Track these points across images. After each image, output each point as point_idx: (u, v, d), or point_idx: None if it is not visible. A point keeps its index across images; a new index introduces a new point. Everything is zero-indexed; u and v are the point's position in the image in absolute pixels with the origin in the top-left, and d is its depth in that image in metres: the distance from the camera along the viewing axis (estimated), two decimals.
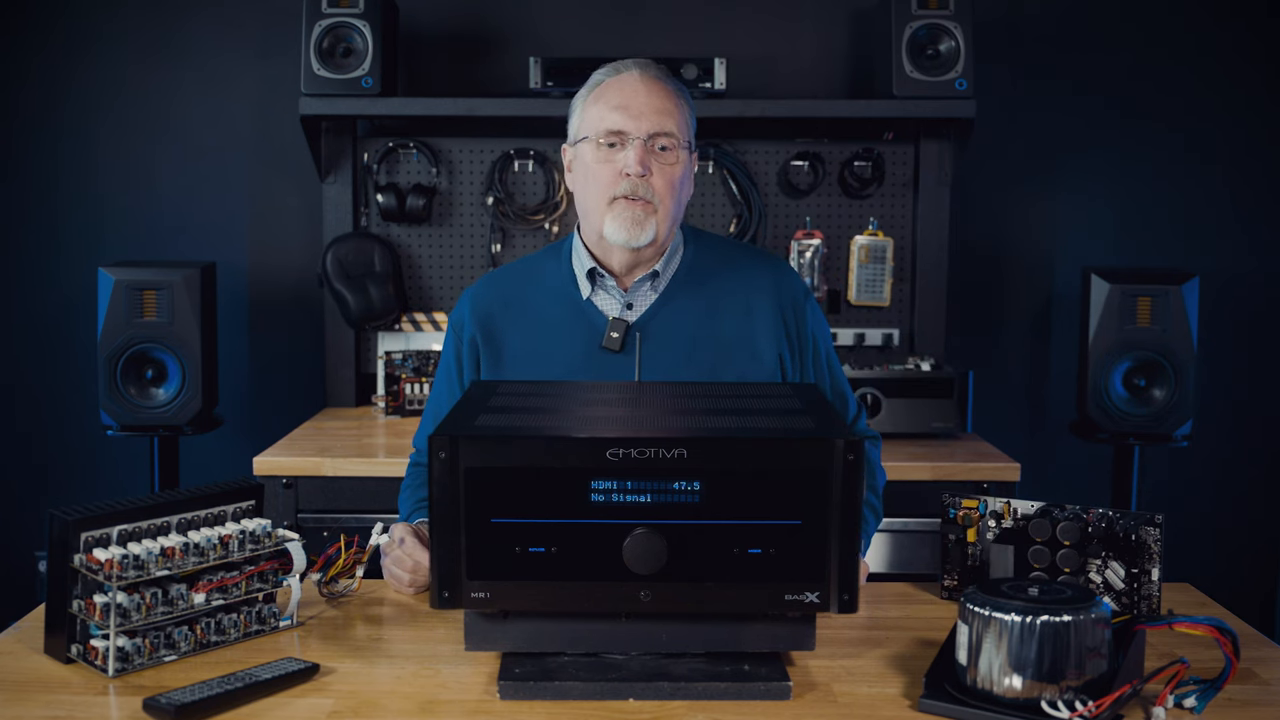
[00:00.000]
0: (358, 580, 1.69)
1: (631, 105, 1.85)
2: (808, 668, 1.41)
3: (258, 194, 3.42)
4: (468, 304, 1.99)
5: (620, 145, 1.85)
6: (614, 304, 1.93)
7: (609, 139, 1.85)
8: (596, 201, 1.87)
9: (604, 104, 1.87)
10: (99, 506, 1.42)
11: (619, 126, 1.84)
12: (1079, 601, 1.27)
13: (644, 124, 1.84)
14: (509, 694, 1.32)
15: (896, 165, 3.31)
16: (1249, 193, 3.42)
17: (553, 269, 1.98)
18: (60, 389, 3.42)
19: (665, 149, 1.85)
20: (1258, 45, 3.39)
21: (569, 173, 1.97)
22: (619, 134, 1.84)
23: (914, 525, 2.69)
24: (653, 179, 1.84)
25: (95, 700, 1.32)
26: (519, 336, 1.94)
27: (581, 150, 1.90)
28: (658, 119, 1.85)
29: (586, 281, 1.93)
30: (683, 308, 1.91)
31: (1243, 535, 3.46)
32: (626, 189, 1.84)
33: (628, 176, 1.83)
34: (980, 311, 3.44)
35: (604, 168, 1.85)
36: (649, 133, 1.84)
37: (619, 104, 1.85)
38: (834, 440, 1.28)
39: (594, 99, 1.89)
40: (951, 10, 3.00)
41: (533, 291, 1.97)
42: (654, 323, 1.91)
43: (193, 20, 3.37)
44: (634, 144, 1.83)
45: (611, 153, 1.85)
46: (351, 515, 2.67)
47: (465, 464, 1.28)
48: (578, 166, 1.92)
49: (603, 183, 1.85)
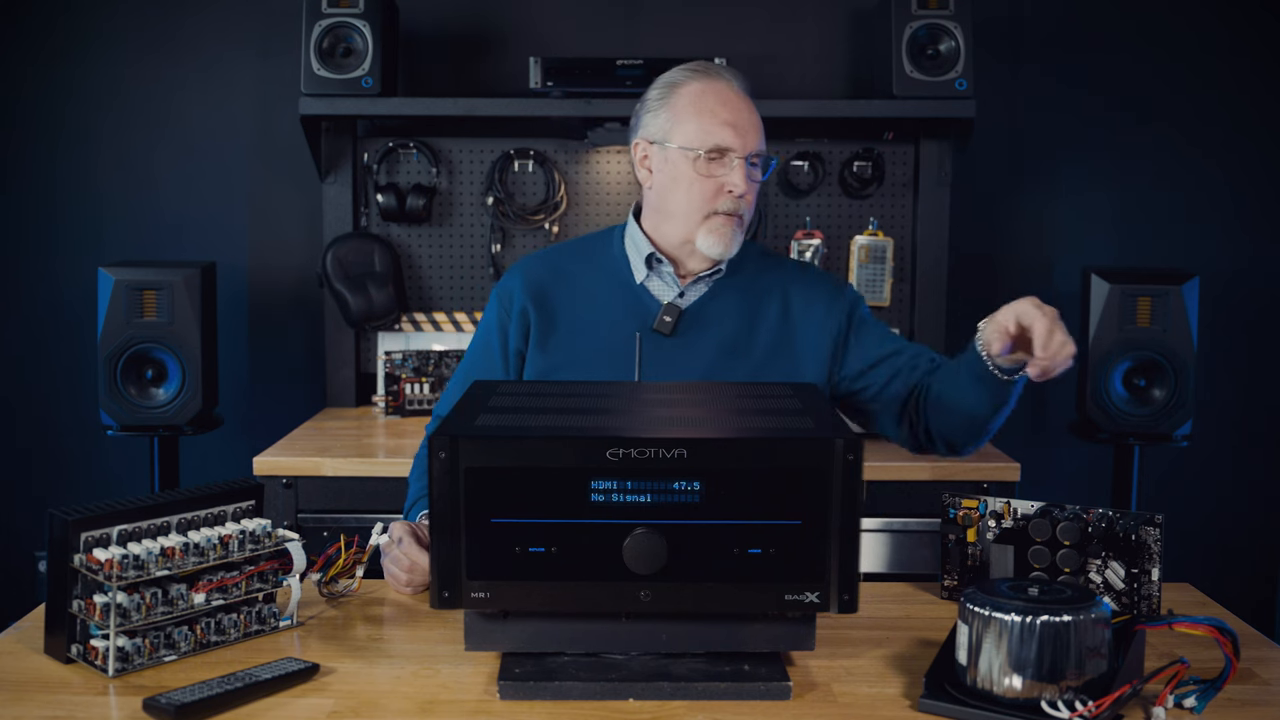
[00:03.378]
0: (358, 580, 1.69)
1: (739, 123, 1.88)
2: (808, 668, 1.41)
3: (258, 194, 3.42)
4: (519, 276, 2.01)
5: (722, 161, 1.88)
6: (668, 291, 1.97)
7: (714, 154, 1.88)
8: (692, 211, 1.90)
9: (710, 117, 1.88)
10: (99, 506, 1.42)
11: (728, 144, 1.87)
12: (1079, 601, 1.27)
13: (748, 143, 1.89)
14: (509, 694, 1.32)
15: (896, 165, 3.31)
16: (1249, 193, 3.42)
17: (603, 250, 2.02)
18: (60, 389, 3.42)
19: (755, 165, 1.91)
20: (1258, 45, 3.39)
21: (643, 169, 1.97)
22: (725, 150, 1.87)
23: (914, 525, 2.69)
24: (746, 195, 1.90)
25: (95, 700, 1.32)
26: (571, 310, 1.97)
27: (675, 156, 1.90)
28: (758, 138, 1.90)
29: (643, 266, 1.96)
30: (732, 303, 1.98)
31: (1243, 535, 3.46)
32: (728, 206, 1.89)
33: (729, 194, 1.88)
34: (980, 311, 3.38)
35: (706, 182, 1.88)
36: (752, 151, 1.89)
37: (728, 120, 1.88)
38: (834, 440, 1.28)
39: (695, 107, 1.89)
40: (951, 10, 3.00)
41: (585, 269, 2.01)
42: (705, 312, 1.96)
43: (193, 20, 3.37)
44: (738, 163, 1.88)
45: (714, 167, 1.88)
46: (351, 515, 2.67)
47: (465, 464, 1.28)
48: (663, 170, 1.93)
49: (704, 196, 1.89)
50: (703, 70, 1.93)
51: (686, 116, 1.89)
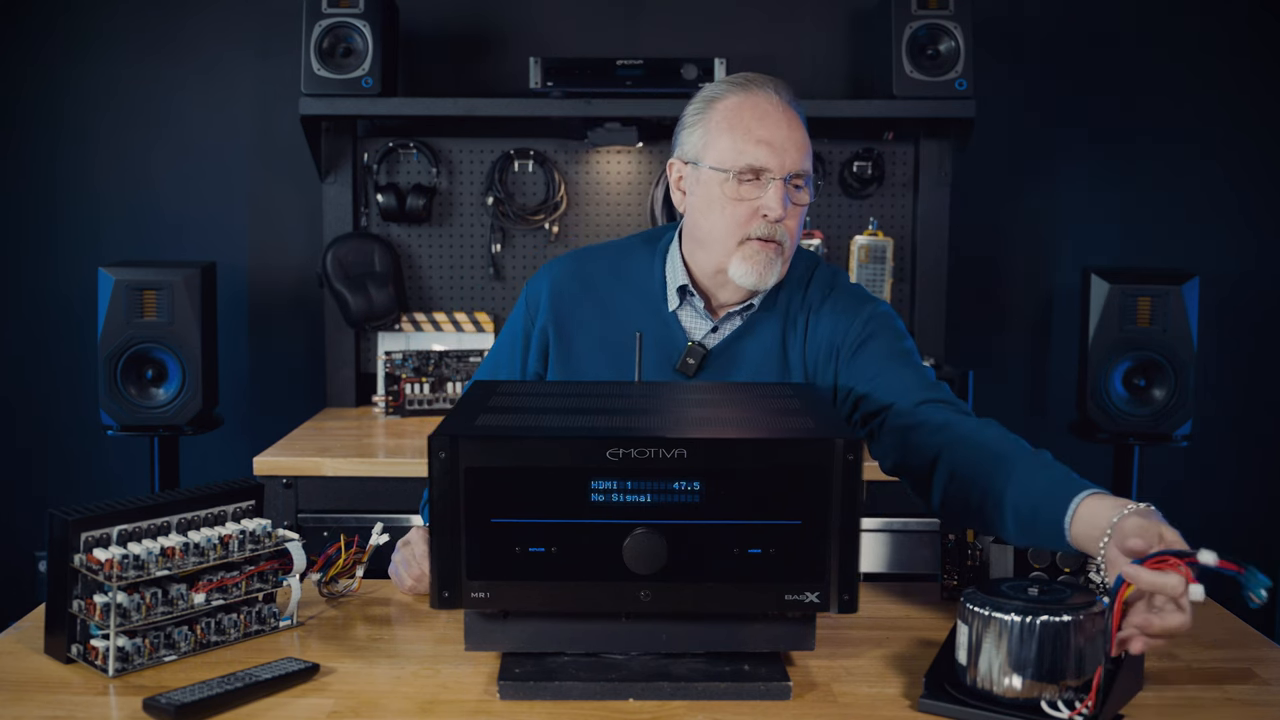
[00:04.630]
0: (358, 580, 1.69)
1: (775, 140, 1.71)
2: (808, 668, 1.41)
3: (258, 194, 3.42)
4: (546, 286, 1.86)
5: (757, 182, 1.72)
6: (699, 324, 1.82)
7: (748, 174, 1.72)
8: (724, 237, 1.74)
9: (744, 134, 1.71)
10: (99, 506, 1.42)
11: (762, 164, 1.71)
12: (1079, 601, 1.27)
13: (787, 162, 1.71)
14: (509, 694, 1.32)
15: (896, 165, 3.31)
16: (1249, 192, 3.42)
17: (644, 270, 1.85)
18: (60, 389, 3.42)
19: (799, 188, 1.74)
20: (1258, 44, 3.39)
21: (678, 192, 1.82)
22: (760, 170, 1.71)
23: (914, 525, 2.69)
24: (786, 221, 1.73)
25: (95, 700, 1.32)
26: (593, 335, 1.83)
27: (707, 177, 1.74)
28: (799, 157, 1.73)
29: (675, 295, 1.81)
30: (762, 340, 1.81)
31: (1243, 535, 3.46)
32: (763, 231, 1.72)
33: (764, 219, 1.71)
34: (980, 311, 3.44)
35: (740, 206, 1.72)
36: (791, 172, 1.72)
37: (763, 138, 1.71)
38: (834, 440, 1.27)
39: (728, 123, 1.73)
40: (951, 10, 3.00)
41: (618, 290, 1.85)
42: (732, 350, 1.81)
43: (193, 20, 3.37)
44: (775, 184, 1.71)
45: (748, 189, 1.72)
46: (351, 515, 2.67)
47: (465, 464, 1.27)
48: (698, 190, 1.76)
49: (737, 220, 1.72)
50: (742, 82, 1.75)
51: (720, 133, 1.73)
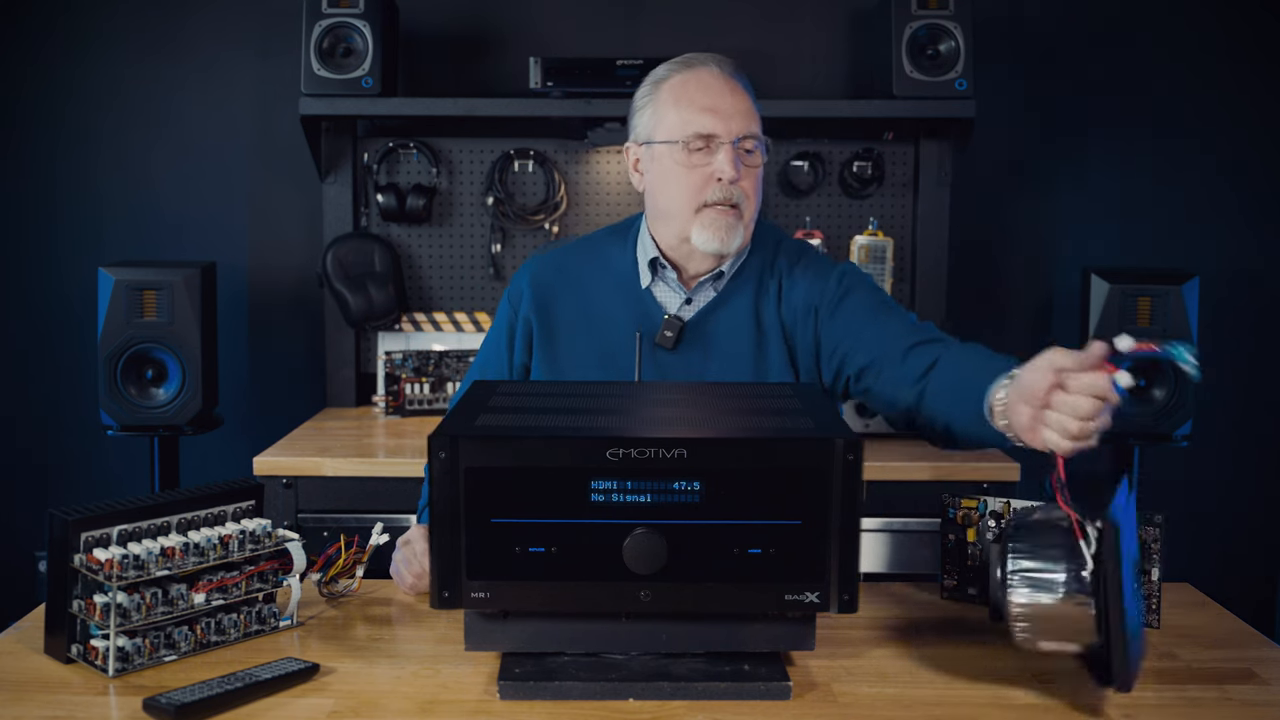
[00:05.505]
0: (358, 580, 1.69)
1: (720, 107, 1.79)
2: (808, 668, 1.41)
3: (258, 194, 3.42)
4: (527, 279, 1.94)
5: (708, 149, 1.79)
6: (673, 297, 1.89)
7: (697, 143, 1.79)
8: (683, 207, 1.81)
9: (689, 105, 1.79)
10: (99, 506, 1.42)
11: (709, 130, 1.78)
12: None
13: (734, 126, 1.78)
14: (509, 694, 1.32)
15: (896, 165, 3.31)
16: (1250, 192, 3.42)
17: (617, 254, 1.93)
18: (60, 389, 3.42)
19: (750, 151, 1.81)
20: (1258, 44, 3.39)
21: (636, 173, 1.90)
22: (708, 137, 1.78)
23: (914, 525, 2.69)
24: (741, 182, 1.79)
25: (95, 700, 1.32)
26: (574, 319, 1.90)
27: (660, 152, 1.82)
28: (745, 121, 1.80)
29: (648, 271, 1.88)
30: (738, 308, 1.87)
31: (1243, 535, 3.46)
32: (719, 195, 1.78)
33: (719, 182, 1.78)
34: (980, 311, 3.44)
35: (692, 173, 1.79)
36: (738, 135, 1.79)
37: (708, 106, 1.79)
38: (834, 440, 1.28)
39: (673, 99, 1.81)
40: (951, 10, 3.00)
41: (593, 271, 1.93)
42: (709, 321, 1.87)
43: (193, 20, 3.37)
44: (724, 148, 1.78)
45: (699, 157, 1.79)
46: (351, 515, 2.67)
47: (465, 464, 1.28)
48: (654, 168, 1.85)
49: (691, 188, 1.79)
50: (685, 61, 1.84)
51: (667, 109, 1.81)
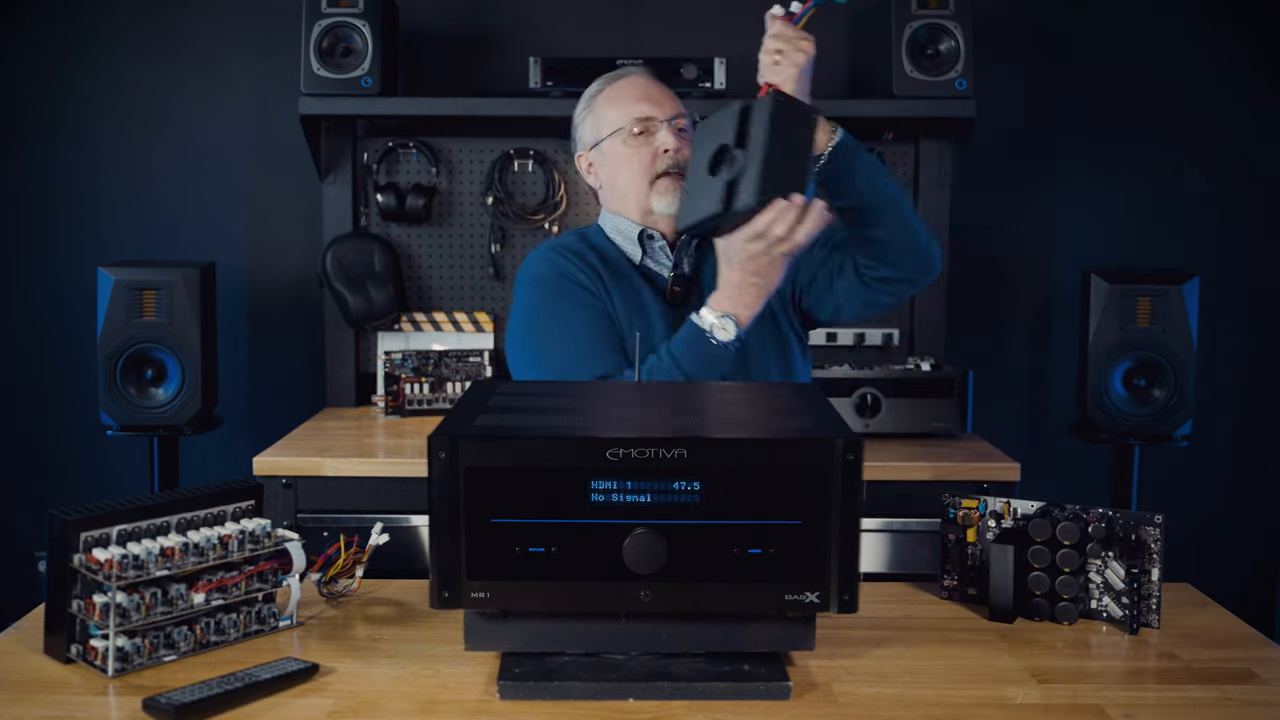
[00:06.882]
0: (357, 580, 1.69)
1: (651, 95, 2.10)
2: (808, 668, 1.41)
3: (258, 194, 3.42)
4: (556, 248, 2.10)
5: (648, 132, 2.07)
6: (664, 265, 2.10)
7: (639, 126, 2.06)
8: (638, 183, 2.07)
9: (625, 100, 2.09)
10: (99, 506, 1.42)
11: (648, 113, 2.07)
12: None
13: (667, 108, 2.09)
14: (509, 694, 1.32)
15: (896, 165, 3.31)
16: (1249, 192, 3.42)
17: (593, 245, 2.12)
18: (60, 389, 3.42)
19: (682, 130, 2.09)
20: (1257, 45, 3.39)
21: (589, 175, 2.17)
22: (648, 120, 2.07)
23: (914, 525, 2.69)
24: (683, 151, 2.06)
25: (95, 700, 1.32)
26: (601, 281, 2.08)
27: (608, 146, 2.10)
28: (674, 104, 2.11)
29: (636, 247, 2.10)
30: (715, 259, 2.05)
31: (1243, 535, 3.46)
32: (666, 164, 2.05)
33: (667, 153, 2.05)
34: (980, 311, 3.44)
35: (640, 152, 2.07)
36: (672, 115, 2.09)
37: (641, 96, 2.09)
38: (834, 440, 1.27)
39: (609, 101, 2.11)
40: (951, 10, 3.00)
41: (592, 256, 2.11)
42: (704, 272, 2.07)
43: (193, 20, 3.37)
44: (663, 126, 2.07)
45: (643, 139, 2.07)
46: (351, 515, 2.67)
47: (465, 464, 1.27)
48: (605, 163, 2.12)
49: (643, 166, 2.06)
50: (611, 75, 2.15)
51: (605, 110, 2.10)
